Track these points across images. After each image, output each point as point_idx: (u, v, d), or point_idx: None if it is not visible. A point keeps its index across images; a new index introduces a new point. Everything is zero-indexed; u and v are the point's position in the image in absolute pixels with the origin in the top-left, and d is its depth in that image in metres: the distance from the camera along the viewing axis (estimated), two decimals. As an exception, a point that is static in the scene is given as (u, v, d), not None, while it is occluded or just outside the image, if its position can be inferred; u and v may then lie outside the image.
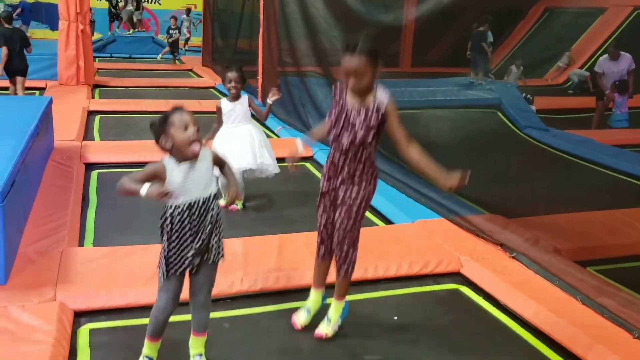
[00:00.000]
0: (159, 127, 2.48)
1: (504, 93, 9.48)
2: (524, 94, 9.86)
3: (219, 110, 4.97)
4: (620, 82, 8.90)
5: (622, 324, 3.21)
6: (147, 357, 2.71)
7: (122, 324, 3.23)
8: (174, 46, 15.07)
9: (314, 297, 3.23)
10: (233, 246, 4.00)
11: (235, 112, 4.96)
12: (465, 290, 3.83)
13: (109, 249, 3.92)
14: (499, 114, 9.01)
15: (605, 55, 9.38)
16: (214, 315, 3.32)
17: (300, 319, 3.21)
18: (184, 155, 2.49)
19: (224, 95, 10.82)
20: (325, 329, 3.13)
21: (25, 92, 8.81)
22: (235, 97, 4.96)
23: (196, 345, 2.75)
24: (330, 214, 3.03)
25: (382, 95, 2.84)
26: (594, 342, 3.05)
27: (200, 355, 2.74)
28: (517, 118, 8.73)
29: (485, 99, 9.45)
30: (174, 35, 14.89)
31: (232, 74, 4.86)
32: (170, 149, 2.50)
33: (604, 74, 9.27)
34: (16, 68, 8.33)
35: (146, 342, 2.70)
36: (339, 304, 3.15)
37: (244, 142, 4.92)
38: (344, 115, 2.87)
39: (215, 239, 2.61)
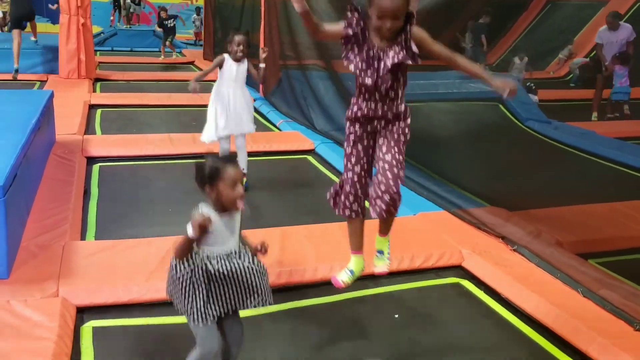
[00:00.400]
0: (208, 179, 2.36)
1: (505, 86, 9.44)
2: (527, 83, 9.80)
3: (220, 63, 5.09)
4: (621, 53, 8.77)
5: (623, 316, 3.22)
6: None
7: (126, 323, 3.22)
8: (169, 34, 14.90)
9: (357, 260, 3.09)
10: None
11: (236, 73, 5.11)
12: (467, 284, 3.83)
13: (111, 242, 3.93)
14: (501, 106, 8.97)
15: (605, 26, 9.24)
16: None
17: (345, 279, 3.08)
18: (225, 208, 2.40)
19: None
20: (384, 264, 3.12)
21: (23, 85, 8.86)
22: (238, 60, 5.07)
23: None
24: (365, 163, 2.88)
25: (413, 29, 2.65)
26: (596, 335, 3.05)
27: None
28: (518, 111, 8.70)
29: (487, 92, 9.37)
30: (169, 24, 14.72)
31: (239, 37, 4.97)
32: (212, 199, 2.40)
33: (603, 45, 9.18)
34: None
35: None
36: (386, 238, 3.10)
37: (244, 108, 5.21)
38: (373, 56, 2.67)
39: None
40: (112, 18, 19.59)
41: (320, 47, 7.95)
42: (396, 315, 3.38)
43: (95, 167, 5.82)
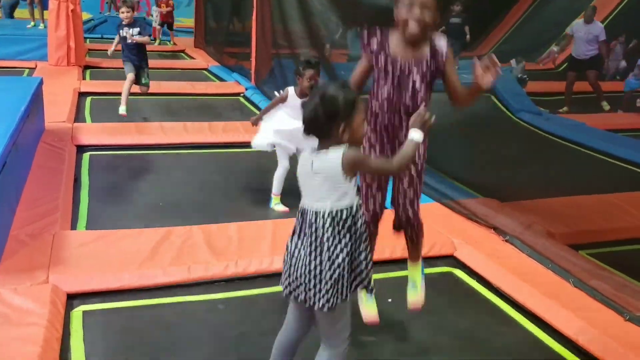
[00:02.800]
0: (347, 111, 1.97)
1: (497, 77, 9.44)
2: (520, 75, 9.79)
3: (284, 98, 4.47)
4: None
5: (613, 306, 3.24)
6: None
7: (115, 306, 3.22)
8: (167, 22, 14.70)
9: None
10: (228, 231, 3.99)
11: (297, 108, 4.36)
12: (459, 273, 3.85)
13: (101, 232, 3.91)
14: (493, 98, 8.99)
15: (582, 19, 9.27)
16: (208, 297, 3.35)
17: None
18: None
19: (217, 78, 10.79)
20: (418, 297, 2.99)
21: (12, 72, 8.75)
22: (306, 95, 4.24)
23: None
24: (384, 189, 2.77)
25: (440, 42, 2.57)
26: (586, 325, 3.08)
27: None
28: (510, 102, 8.72)
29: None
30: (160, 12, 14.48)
31: (311, 72, 4.31)
32: (344, 137, 2.01)
33: (572, 36, 9.24)
34: None
35: None
36: (418, 265, 3.00)
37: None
38: (395, 69, 2.55)
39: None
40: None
41: (313, 36, 7.92)
42: (389, 300, 3.39)
43: (86, 156, 5.77)
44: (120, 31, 6.77)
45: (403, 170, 2.43)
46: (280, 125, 4.50)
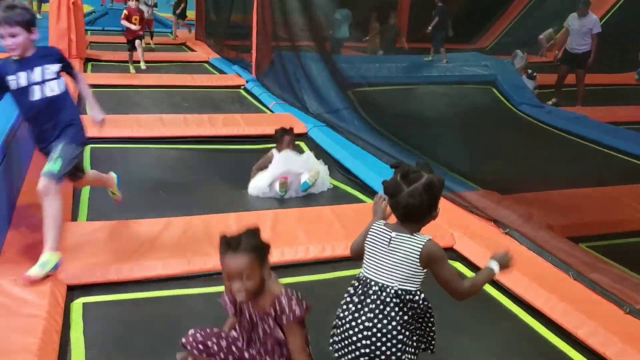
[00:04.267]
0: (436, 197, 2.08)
1: (499, 69, 9.44)
2: (528, 70, 9.73)
3: (270, 159, 4.95)
4: None
5: (613, 299, 3.24)
6: None
7: (115, 298, 3.23)
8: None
9: None
10: (228, 222, 4.00)
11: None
12: (458, 266, 3.84)
13: (102, 223, 3.91)
14: (494, 90, 8.98)
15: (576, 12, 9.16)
16: (207, 290, 3.34)
17: None
18: None
19: (218, 70, 10.78)
20: None
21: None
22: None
23: None
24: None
25: (282, 304, 2.17)
26: (585, 318, 3.07)
27: None
28: (512, 95, 8.71)
29: (480, 75, 9.41)
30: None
31: (287, 137, 5.08)
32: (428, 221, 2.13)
33: (566, 30, 9.13)
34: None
35: None
36: None
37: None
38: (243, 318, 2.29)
39: None
40: None
41: (314, 28, 7.90)
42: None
43: (87, 148, 5.76)
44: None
45: (466, 298, 2.19)
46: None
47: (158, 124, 6.47)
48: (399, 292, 2.03)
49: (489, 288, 3.56)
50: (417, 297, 2.05)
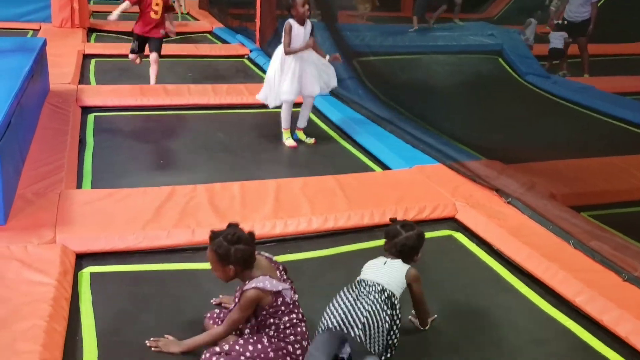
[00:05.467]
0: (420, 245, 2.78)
1: (505, 39, 9.33)
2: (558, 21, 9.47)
3: (289, 30, 5.07)
4: None
5: (612, 267, 3.27)
6: None
7: (122, 269, 3.25)
8: None
9: None
10: (231, 190, 4.02)
11: (304, 37, 5.11)
12: (459, 237, 3.87)
13: (107, 191, 3.94)
14: (500, 60, 8.91)
15: None
16: (201, 266, 3.34)
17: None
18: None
19: (221, 40, 10.69)
20: None
21: (16, 34, 8.66)
22: (304, 23, 5.10)
23: None
24: None
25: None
26: (584, 286, 3.10)
27: None
28: (518, 65, 8.63)
29: (486, 45, 9.32)
30: None
31: None
32: None
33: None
34: None
35: None
36: None
37: (312, 70, 5.23)
38: None
39: None
40: None
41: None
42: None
43: (90, 117, 5.79)
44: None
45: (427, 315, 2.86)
46: (281, 86, 5.21)
47: (162, 94, 6.46)
48: (388, 292, 2.57)
49: (488, 259, 3.59)
50: (396, 302, 2.59)
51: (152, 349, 2.58)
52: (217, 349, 2.43)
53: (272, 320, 2.47)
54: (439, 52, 8.53)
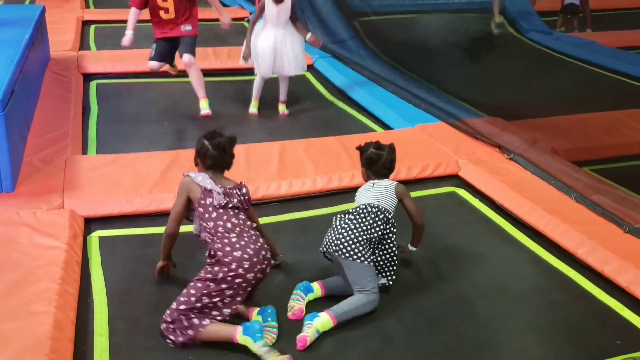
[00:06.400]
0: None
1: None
2: None
3: (262, 7, 5.01)
4: None
5: (614, 219, 3.31)
6: None
7: (130, 232, 3.31)
8: None
9: None
10: (237, 152, 4.03)
11: (277, 15, 4.99)
12: (462, 193, 3.91)
13: (112, 156, 3.98)
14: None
15: None
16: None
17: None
18: None
19: (220, 2, 10.55)
20: None
21: (14, 1, 8.56)
22: (280, 1, 4.95)
23: None
24: None
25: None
26: (586, 238, 3.16)
27: None
28: (519, 21, 8.55)
29: (488, 2, 9.20)
30: None
31: None
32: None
33: None
34: None
35: None
36: None
37: (288, 51, 5.07)
38: None
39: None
40: None
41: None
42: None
43: (92, 84, 5.80)
44: None
45: (422, 221, 2.94)
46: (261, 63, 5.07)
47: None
48: (382, 208, 2.76)
49: (492, 214, 3.64)
50: (391, 216, 2.77)
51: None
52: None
53: (205, 234, 2.56)
54: (439, 10, 8.43)
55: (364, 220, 2.72)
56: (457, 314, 2.72)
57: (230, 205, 2.61)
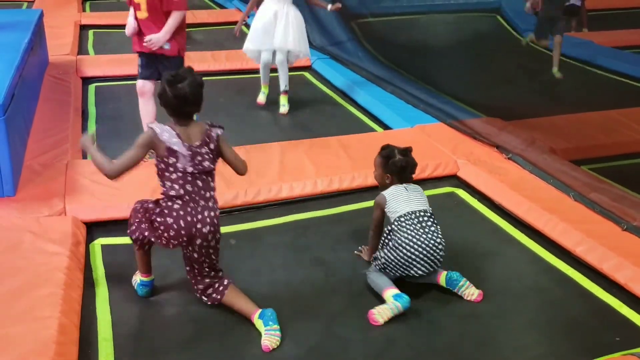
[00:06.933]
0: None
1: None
2: None
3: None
4: None
5: (612, 217, 3.34)
6: None
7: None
8: None
9: None
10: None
11: None
12: (462, 193, 3.93)
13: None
14: (499, 17, 8.85)
15: None
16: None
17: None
18: None
19: (218, 5, 10.59)
20: None
21: (10, 5, 8.56)
22: None
23: None
24: None
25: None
26: (584, 236, 3.18)
27: None
28: (517, 22, 8.57)
29: (485, 3, 9.24)
30: None
31: None
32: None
33: None
34: None
35: None
36: None
37: (289, 26, 5.10)
38: None
39: None
40: None
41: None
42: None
43: (91, 87, 5.81)
44: None
45: None
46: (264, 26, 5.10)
47: (161, 62, 6.44)
48: (430, 211, 2.91)
49: (491, 215, 3.65)
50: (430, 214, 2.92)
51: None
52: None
53: (159, 181, 2.55)
54: (437, 11, 8.47)
55: (431, 226, 2.85)
56: (458, 313, 2.74)
57: (195, 171, 2.46)
